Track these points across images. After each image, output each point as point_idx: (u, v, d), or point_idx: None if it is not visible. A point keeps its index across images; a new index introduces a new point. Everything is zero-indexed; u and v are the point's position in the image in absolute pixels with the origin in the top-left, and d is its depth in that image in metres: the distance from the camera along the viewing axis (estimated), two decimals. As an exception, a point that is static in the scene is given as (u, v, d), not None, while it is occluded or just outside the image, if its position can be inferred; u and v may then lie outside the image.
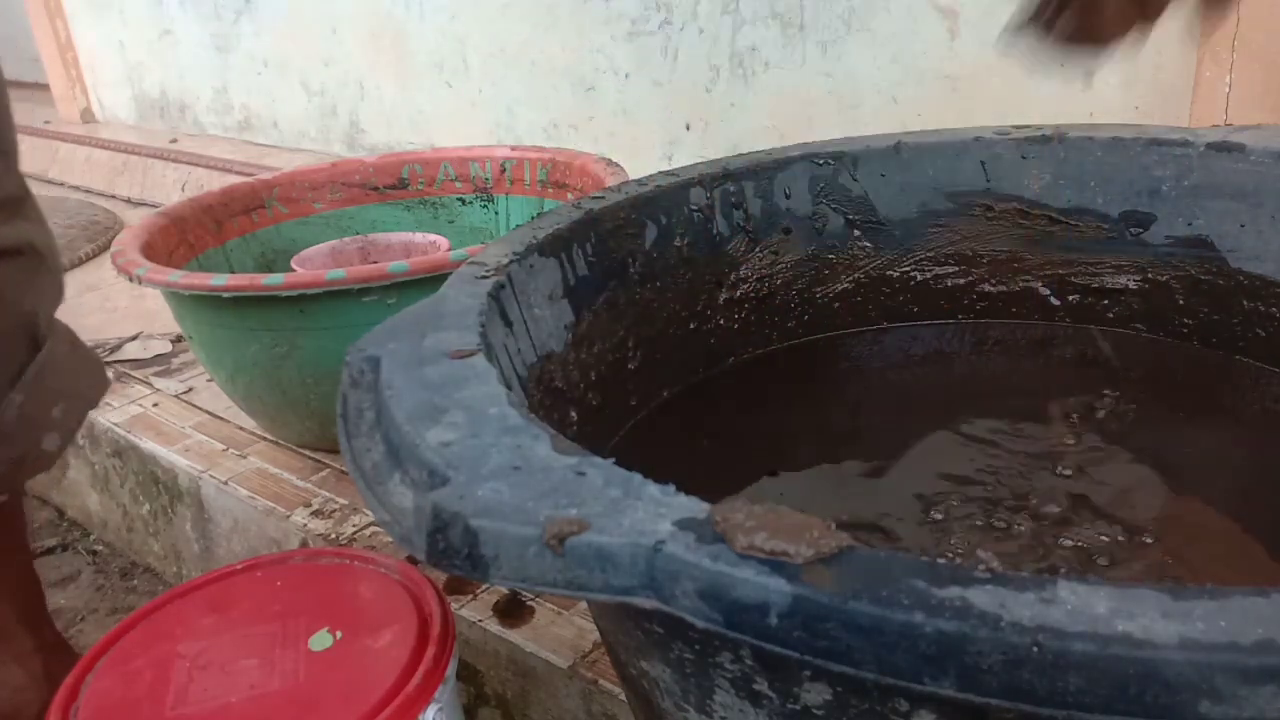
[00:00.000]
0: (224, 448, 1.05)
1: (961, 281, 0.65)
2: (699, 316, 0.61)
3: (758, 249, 0.62)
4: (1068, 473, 0.50)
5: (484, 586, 0.79)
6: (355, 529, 0.89)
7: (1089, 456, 0.51)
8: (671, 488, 0.28)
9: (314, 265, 1.05)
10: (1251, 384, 0.56)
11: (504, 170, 1.19)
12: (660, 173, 0.61)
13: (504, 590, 0.78)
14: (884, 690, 0.26)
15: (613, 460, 0.29)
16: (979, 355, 0.64)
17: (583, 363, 0.53)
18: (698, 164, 0.62)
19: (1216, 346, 0.58)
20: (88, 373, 0.73)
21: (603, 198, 0.57)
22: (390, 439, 0.33)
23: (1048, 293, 0.63)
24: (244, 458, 1.03)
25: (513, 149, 1.20)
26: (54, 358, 0.68)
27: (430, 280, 0.81)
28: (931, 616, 0.23)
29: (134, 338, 1.35)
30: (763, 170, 0.62)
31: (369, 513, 0.49)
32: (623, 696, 0.65)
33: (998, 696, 0.22)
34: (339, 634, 0.54)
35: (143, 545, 1.14)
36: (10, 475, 0.68)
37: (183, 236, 1.06)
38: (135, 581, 1.13)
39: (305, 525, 0.90)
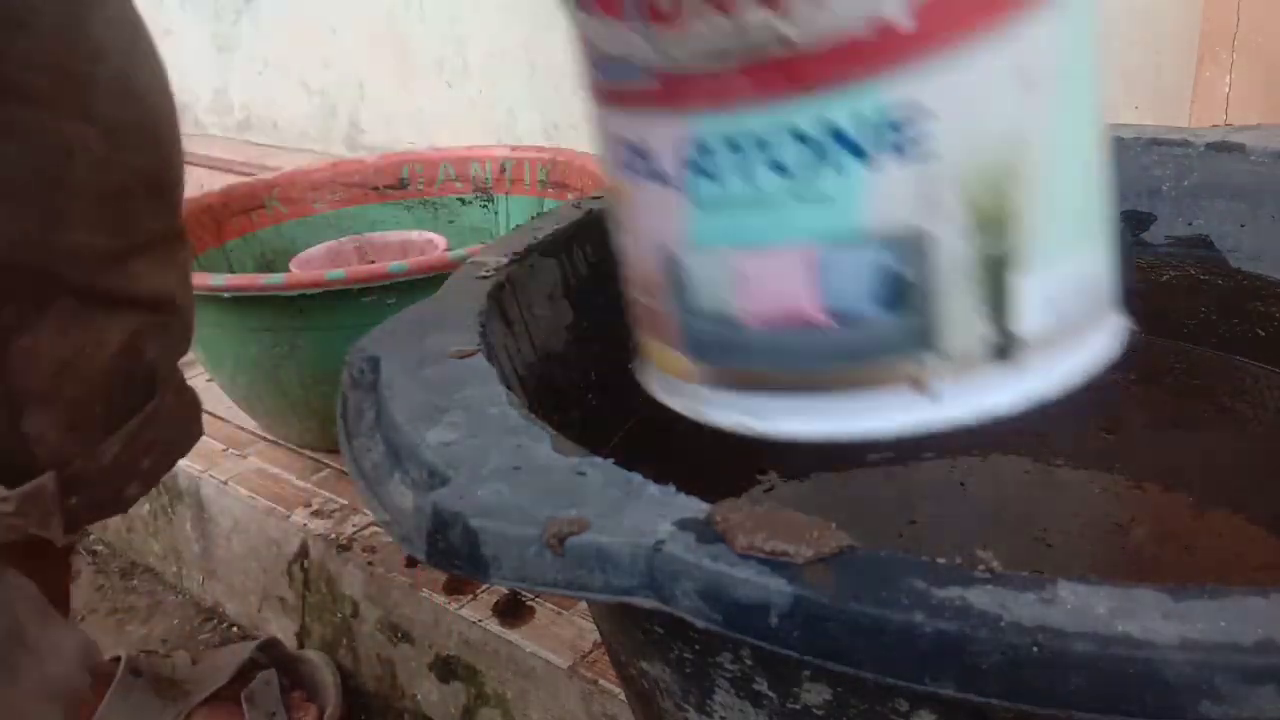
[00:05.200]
0: (224, 448, 1.05)
1: (961, 281, 0.65)
2: (699, 316, 0.61)
3: (758, 249, 0.62)
4: (1067, 473, 0.50)
5: (484, 586, 0.79)
6: (355, 529, 0.89)
7: (1088, 457, 0.51)
8: (671, 488, 0.28)
9: (312, 266, 1.05)
10: (1251, 384, 0.56)
11: (504, 170, 1.19)
12: (660, 173, 0.61)
13: (504, 590, 0.78)
14: (884, 690, 0.26)
15: (613, 460, 0.29)
16: (979, 355, 0.63)
17: (583, 363, 0.53)
18: (698, 164, 0.62)
19: (1216, 346, 0.58)
20: (184, 422, 0.71)
21: (603, 197, 0.57)
22: (390, 439, 0.33)
23: (1048, 293, 0.63)
24: (244, 458, 1.03)
25: (513, 149, 1.20)
26: (161, 410, 0.66)
27: (430, 280, 0.81)
28: (931, 617, 0.23)
29: (134, 338, 1.35)
30: (763, 170, 0.62)
31: (369, 513, 0.49)
32: (623, 696, 0.65)
33: (998, 697, 0.22)
34: None
35: (143, 545, 1.14)
36: (86, 519, 0.66)
37: (183, 236, 1.05)
38: (135, 581, 1.13)
39: (305, 525, 0.90)
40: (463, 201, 1.22)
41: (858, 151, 0.27)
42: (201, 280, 0.84)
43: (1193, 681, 0.21)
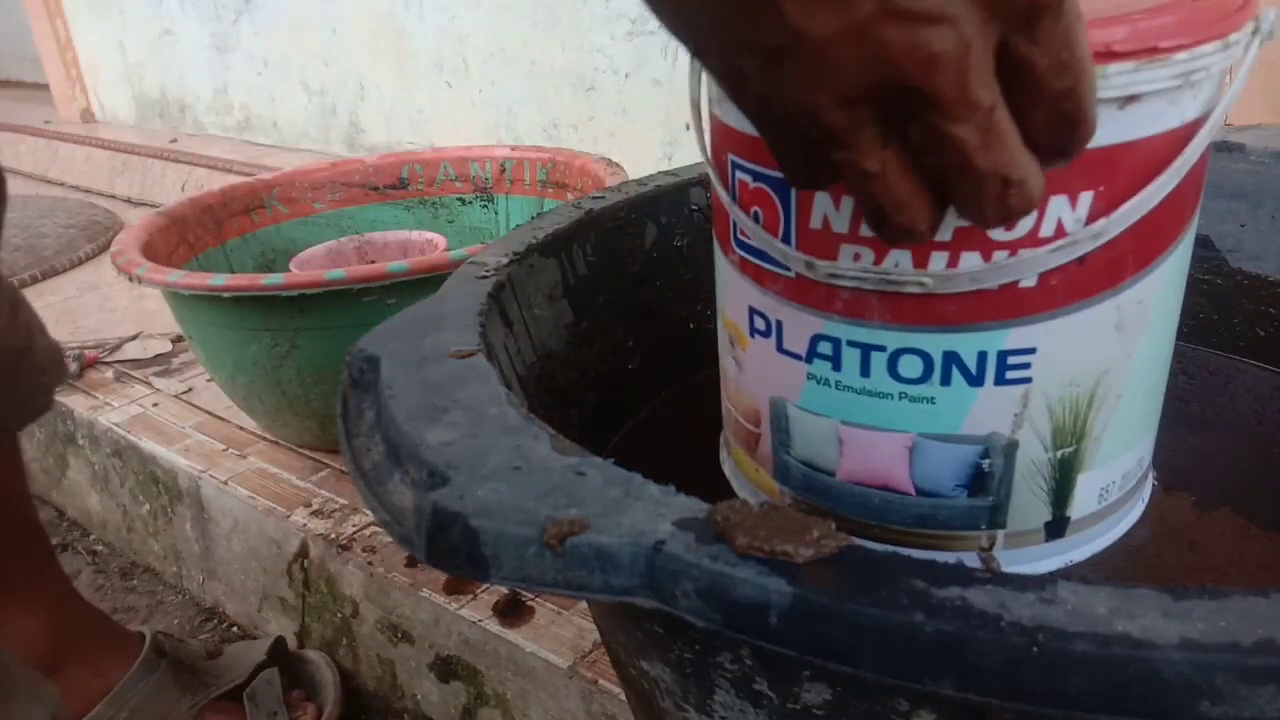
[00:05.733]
0: (224, 448, 1.05)
1: (961, 281, 0.65)
2: (699, 316, 0.61)
3: (758, 249, 0.62)
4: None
5: (484, 586, 0.79)
6: (355, 529, 0.89)
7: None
8: (671, 488, 0.28)
9: (312, 266, 1.05)
10: (1252, 384, 0.56)
11: (504, 170, 1.19)
12: (660, 173, 0.61)
13: (504, 590, 0.78)
14: (884, 690, 0.26)
15: (613, 460, 0.29)
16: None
17: (583, 363, 0.53)
18: (698, 164, 0.62)
19: (1216, 346, 0.58)
20: (14, 399, 0.71)
21: (603, 198, 0.57)
22: (390, 439, 0.33)
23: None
24: (244, 458, 1.03)
25: (512, 149, 1.20)
26: None
27: (430, 280, 0.81)
28: (931, 617, 0.23)
29: (134, 338, 1.35)
30: (763, 170, 0.62)
31: (369, 513, 0.49)
32: (623, 696, 0.65)
33: (998, 696, 0.22)
34: None
35: (142, 545, 1.14)
36: None
37: (183, 236, 1.06)
38: (135, 581, 1.13)
39: (305, 525, 0.90)
40: (463, 201, 1.22)
41: (968, 376, 0.32)
42: (201, 280, 0.84)
43: (1193, 681, 0.21)
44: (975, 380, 0.32)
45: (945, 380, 0.32)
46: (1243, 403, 0.55)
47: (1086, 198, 0.29)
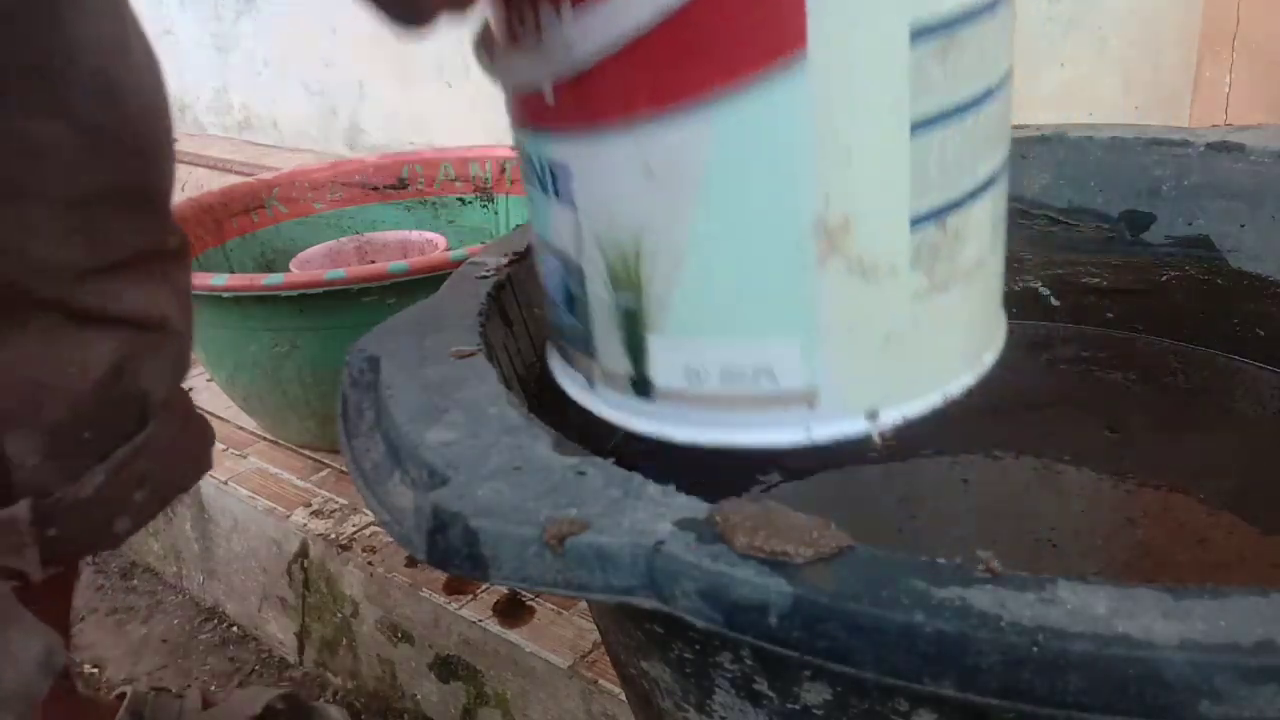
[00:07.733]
0: (224, 448, 1.05)
1: (961, 281, 0.65)
2: (699, 316, 0.61)
3: (758, 249, 0.62)
4: (1070, 470, 0.50)
5: (484, 586, 0.79)
6: (355, 529, 0.89)
7: (1091, 455, 0.51)
8: (671, 488, 0.28)
9: (312, 266, 1.05)
10: (1252, 384, 0.56)
11: (504, 170, 1.19)
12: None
13: (504, 590, 0.78)
14: (884, 690, 0.26)
15: (613, 460, 0.29)
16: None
17: (583, 363, 0.53)
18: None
19: (1216, 346, 0.58)
20: (188, 456, 0.67)
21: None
22: (390, 439, 0.33)
23: (1048, 293, 0.63)
24: (244, 458, 1.03)
25: (513, 149, 1.20)
26: (155, 439, 0.61)
27: (430, 280, 0.81)
28: (931, 617, 0.23)
29: (134, 338, 1.35)
30: (762, 170, 0.62)
31: (369, 513, 0.49)
32: (623, 696, 0.65)
33: (998, 696, 0.22)
34: None
35: (142, 545, 1.14)
36: (70, 552, 0.61)
37: (183, 236, 1.05)
38: (135, 581, 1.13)
39: (305, 525, 0.90)
40: (463, 201, 1.22)
41: (541, 183, 0.34)
42: (201, 280, 0.84)
43: (1193, 681, 0.21)
44: (544, 188, 0.34)
45: (540, 185, 0.34)
46: (1243, 403, 0.55)
47: (569, 10, 0.29)
